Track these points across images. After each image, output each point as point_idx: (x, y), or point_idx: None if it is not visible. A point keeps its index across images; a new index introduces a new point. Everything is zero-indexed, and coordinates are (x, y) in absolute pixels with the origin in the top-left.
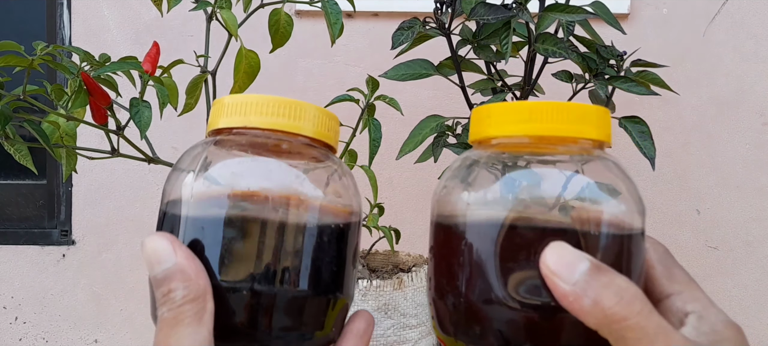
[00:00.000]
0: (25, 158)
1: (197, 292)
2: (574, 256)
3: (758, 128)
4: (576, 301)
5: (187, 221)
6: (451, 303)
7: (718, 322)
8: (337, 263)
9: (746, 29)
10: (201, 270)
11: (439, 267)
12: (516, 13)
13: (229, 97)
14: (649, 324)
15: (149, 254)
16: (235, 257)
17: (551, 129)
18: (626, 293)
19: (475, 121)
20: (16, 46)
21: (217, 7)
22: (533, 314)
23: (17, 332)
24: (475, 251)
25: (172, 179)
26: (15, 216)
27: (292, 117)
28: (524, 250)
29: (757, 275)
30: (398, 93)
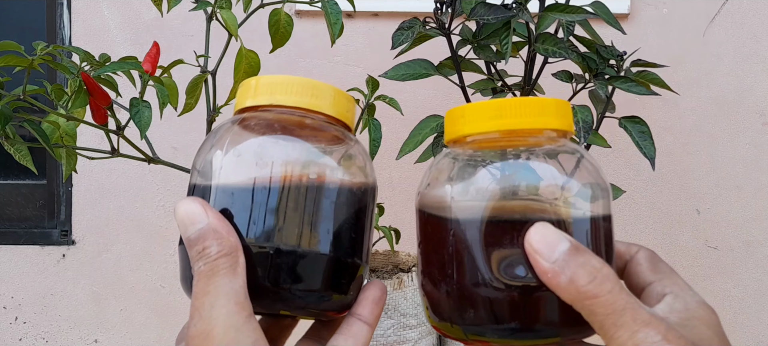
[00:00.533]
0: (25, 158)
1: (230, 247)
2: (556, 236)
3: (758, 128)
4: (554, 277)
5: (217, 189)
6: (444, 291)
7: (691, 301)
8: (356, 229)
9: (746, 29)
10: (231, 229)
11: (429, 259)
12: (516, 13)
13: (254, 78)
14: (617, 300)
15: (182, 217)
16: (261, 220)
17: (519, 123)
18: (599, 273)
19: (449, 122)
20: (16, 46)
21: (217, 7)
22: (517, 294)
23: (17, 332)
24: (463, 240)
25: (202, 152)
26: (15, 216)
27: (312, 96)
28: (506, 235)
29: (757, 274)
30: (398, 93)
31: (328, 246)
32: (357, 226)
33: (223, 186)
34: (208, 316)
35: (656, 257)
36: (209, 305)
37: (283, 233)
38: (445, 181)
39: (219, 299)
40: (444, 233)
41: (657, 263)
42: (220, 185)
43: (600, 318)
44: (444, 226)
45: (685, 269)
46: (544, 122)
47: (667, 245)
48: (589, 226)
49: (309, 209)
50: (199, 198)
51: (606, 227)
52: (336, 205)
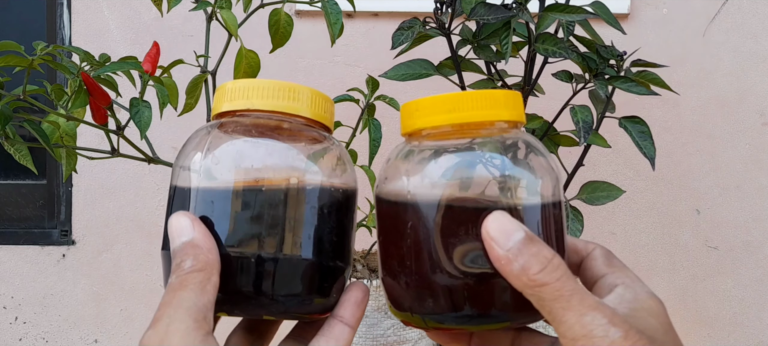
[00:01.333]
0: (25, 158)
1: (205, 263)
2: (512, 225)
3: (758, 128)
4: (507, 265)
5: (197, 195)
6: (404, 281)
7: (641, 292)
8: (337, 232)
9: (746, 29)
10: (213, 246)
11: (388, 251)
12: (516, 13)
13: (231, 82)
14: (565, 286)
15: (172, 230)
16: (241, 227)
17: (472, 116)
18: (550, 263)
19: (405, 116)
20: (16, 46)
21: (217, 7)
22: (473, 281)
23: (17, 332)
24: (420, 231)
25: (182, 157)
26: (15, 216)
27: (290, 99)
28: (461, 225)
29: (757, 274)
30: (398, 93)
31: (310, 251)
32: (338, 228)
33: (202, 193)
34: (165, 329)
35: (611, 254)
36: (168, 318)
37: (264, 240)
38: (402, 174)
39: (178, 313)
40: (402, 225)
41: (611, 259)
42: (201, 190)
43: (548, 304)
44: (401, 218)
45: (686, 268)
46: (496, 114)
47: (668, 245)
48: (539, 214)
49: (289, 214)
50: (189, 213)
51: (556, 214)
52: (316, 208)
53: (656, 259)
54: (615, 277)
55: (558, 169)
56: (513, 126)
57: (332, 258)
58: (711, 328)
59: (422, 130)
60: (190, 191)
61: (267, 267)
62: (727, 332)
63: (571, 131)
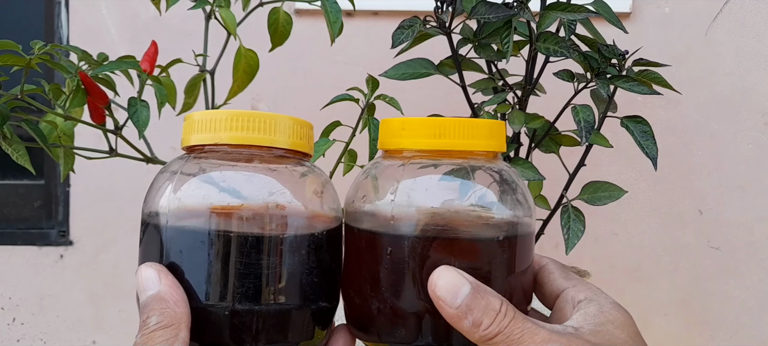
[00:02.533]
0: (22, 158)
1: (171, 319)
2: (458, 281)
3: (761, 128)
4: (458, 322)
5: (166, 242)
6: (375, 308)
7: (605, 304)
8: (319, 272)
9: (748, 29)
10: (181, 299)
11: (358, 272)
12: (517, 12)
13: (199, 113)
14: (514, 330)
15: (139, 282)
16: (215, 277)
17: (458, 143)
18: (499, 313)
19: (386, 132)
20: (14, 45)
21: (215, 5)
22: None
23: (15, 334)
24: (400, 259)
25: (150, 198)
26: (12, 216)
27: (264, 130)
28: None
29: (760, 275)
30: (398, 92)
31: (292, 297)
32: (320, 267)
33: (171, 239)
34: None
35: (565, 268)
36: None
37: (241, 290)
38: (383, 195)
39: None
40: (379, 249)
41: (567, 273)
42: (169, 237)
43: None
44: (380, 242)
45: (688, 269)
46: (482, 144)
47: (670, 245)
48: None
49: (265, 259)
50: (156, 264)
51: (529, 243)
52: (295, 249)
53: (658, 260)
54: (576, 291)
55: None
56: (492, 156)
57: (318, 300)
58: (713, 329)
59: (404, 150)
60: (159, 235)
61: (246, 318)
62: (729, 334)
63: (572, 131)
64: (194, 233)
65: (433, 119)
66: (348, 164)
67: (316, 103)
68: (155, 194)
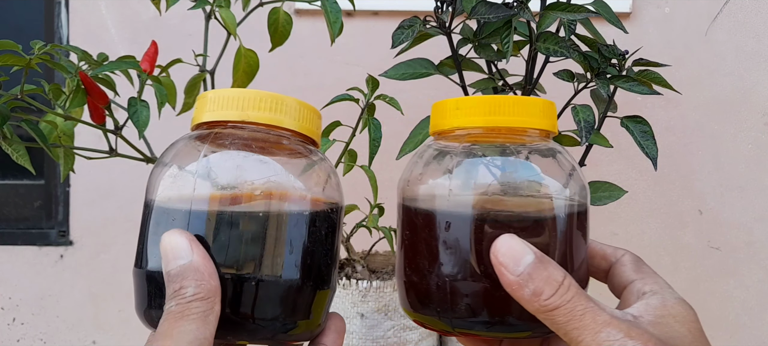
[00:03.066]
0: (22, 158)
1: (208, 291)
2: (521, 249)
3: (761, 128)
4: (518, 290)
5: (175, 215)
6: (434, 284)
7: (669, 299)
8: (322, 253)
9: (748, 29)
10: (214, 271)
11: (416, 251)
12: (517, 12)
13: (212, 92)
14: (576, 306)
15: (167, 250)
16: (221, 249)
17: (514, 120)
18: (561, 286)
19: (439, 114)
20: (14, 46)
21: (215, 5)
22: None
23: (15, 334)
24: (458, 234)
25: (156, 173)
26: (12, 216)
27: (274, 110)
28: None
29: (760, 275)
30: (398, 92)
31: (294, 272)
32: (323, 249)
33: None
34: None
35: (640, 261)
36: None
37: (246, 260)
38: (442, 174)
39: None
40: (437, 226)
41: (640, 265)
42: (178, 211)
43: (562, 326)
44: (438, 219)
45: (687, 269)
46: (536, 122)
47: (669, 245)
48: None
49: (269, 235)
50: (186, 232)
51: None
52: (298, 228)
53: (658, 259)
54: (643, 283)
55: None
56: (545, 135)
57: (318, 279)
58: (713, 329)
59: (456, 129)
60: (167, 210)
61: (248, 288)
62: (729, 334)
63: (572, 131)
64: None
65: (488, 97)
66: (348, 164)
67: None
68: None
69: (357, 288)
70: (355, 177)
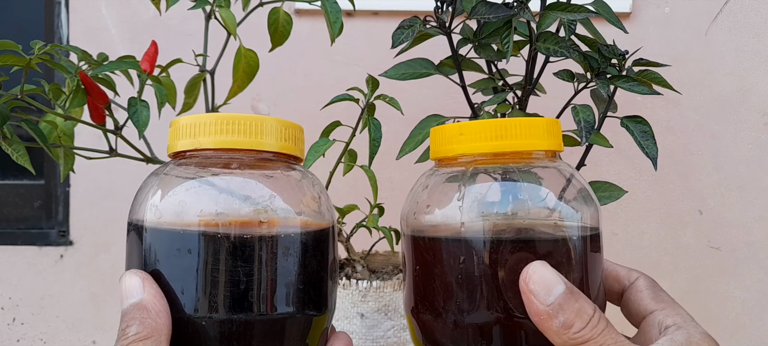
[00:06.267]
0: (22, 158)
1: (151, 330)
2: (554, 279)
3: (761, 128)
4: (547, 320)
5: (151, 248)
6: (452, 321)
7: (695, 334)
8: (313, 278)
9: (748, 28)
10: (163, 309)
11: (429, 286)
12: (517, 12)
13: (185, 117)
14: (607, 340)
15: (121, 290)
16: (203, 286)
17: (517, 145)
18: (592, 319)
19: (440, 140)
20: (14, 46)
21: (215, 5)
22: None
23: (15, 334)
24: (475, 267)
25: (136, 205)
26: (12, 216)
27: (252, 133)
28: (520, 264)
29: (760, 275)
30: (398, 92)
31: (285, 304)
32: (314, 273)
33: (156, 245)
34: None
35: (657, 286)
36: None
37: (233, 298)
38: (452, 204)
39: None
40: (451, 261)
41: (658, 292)
42: (154, 243)
43: None
44: (452, 254)
45: (687, 269)
46: (543, 143)
47: (669, 245)
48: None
49: (260, 265)
50: (141, 271)
51: (596, 246)
52: (286, 255)
53: (658, 259)
54: (665, 315)
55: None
56: (551, 155)
57: (312, 306)
58: (713, 329)
59: (461, 156)
60: (143, 242)
61: (239, 329)
62: (729, 334)
63: (572, 131)
64: (179, 241)
65: (492, 121)
66: (348, 164)
67: (316, 103)
68: (140, 202)
69: (357, 288)
70: (355, 177)
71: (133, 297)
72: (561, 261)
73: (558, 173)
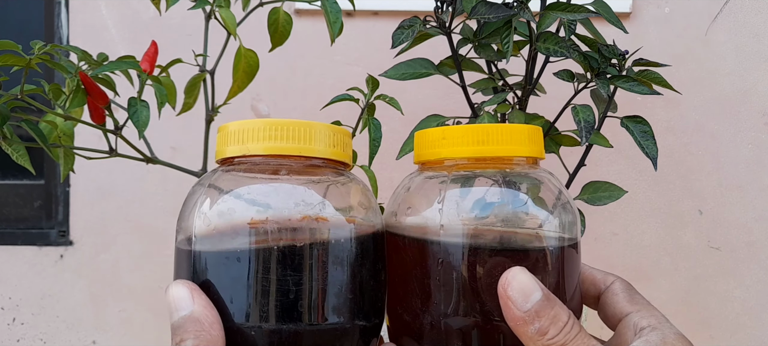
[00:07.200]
0: (22, 158)
1: (207, 343)
2: (531, 286)
3: (761, 128)
4: (523, 326)
5: (198, 260)
6: (428, 322)
7: (669, 334)
8: (363, 287)
9: (748, 28)
10: (216, 321)
11: (407, 287)
12: (517, 12)
13: (233, 123)
14: (578, 343)
15: (169, 301)
16: (253, 295)
17: (499, 150)
18: (566, 325)
19: (423, 144)
20: (14, 46)
21: (215, 5)
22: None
23: (15, 334)
24: (453, 269)
25: (184, 214)
26: (12, 216)
27: (302, 140)
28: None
29: (760, 275)
30: (398, 92)
31: (336, 314)
32: (369, 280)
33: (205, 255)
34: None
35: (632, 289)
36: None
37: (284, 308)
38: (432, 207)
39: None
40: (429, 263)
41: (634, 295)
42: (204, 255)
43: None
44: (429, 254)
45: (687, 269)
46: (524, 150)
47: (669, 245)
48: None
49: (311, 278)
50: (188, 282)
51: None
52: (343, 263)
53: (658, 260)
54: (640, 316)
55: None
56: (532, 162)
57: (365, 316)
58: (713, 329)
59: (445, 160)
60: (191, 253)
61: (287, 339)
62: (729, 334)
63: (572, 131)
64: (229, 250)
65: (475, 126)
66: None
67: (316, 103)
68: (188, 211)
69: None
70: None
71: (183, 310)
72: (538, 267)
73: (538, 180)
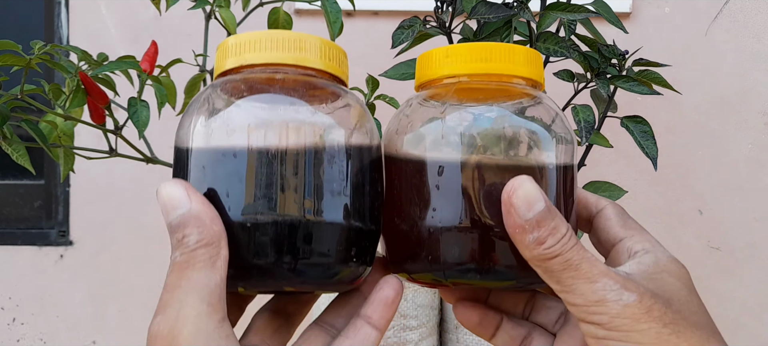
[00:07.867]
0: (22, 158)
1: (211, 237)
2: (536, 195)
3: (760, 128)
4: (521, 233)
5: (200, 162)
6: (427, 231)
7: (662, 256)
8: (363, 192)
9: (748, 28)
10: (216, 216)
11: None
12: (517, 12)
13: (232, 37)
14: (574, 256)
15: (164, 201)
16: (255, 191)
17: (504, 68)
18: (564, 237)
19: (427, 64)
20: (14, 46)
21: (215, 5)
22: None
23: (15, 334)
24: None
25: (185, 122)
26: (13, 216)
27: (299, 50)
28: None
29: (760, 275)
30: (398, 92)
31: (332, 212)
32: (364, 187)
33: (207, 158)
34: (175, 315)
35: (625, 214)
36: (178, 303)
37: (281, 203)
38: (433, 119)
39: (190, 297)
40: (429, 171)
41: (626, 220)
42: (204, 156)
43: (557, 274)
44: (430, 164)
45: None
46: (525, 71)
47: (669, 245)
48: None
49: (306, 174)
50: (182, 180)
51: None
52: (336, 163)
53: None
54: (634, 241)
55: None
56: (532, 83)
57: (360, 219)
58: None
59: (445, 78)
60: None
61: (285, 232)
62: (729, 333)
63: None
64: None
65: (478, 43)
66: None
67: None
68: (191, 117)
69: None
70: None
71: (180, 208)
72: (540, 182)
73: (539, 100)
